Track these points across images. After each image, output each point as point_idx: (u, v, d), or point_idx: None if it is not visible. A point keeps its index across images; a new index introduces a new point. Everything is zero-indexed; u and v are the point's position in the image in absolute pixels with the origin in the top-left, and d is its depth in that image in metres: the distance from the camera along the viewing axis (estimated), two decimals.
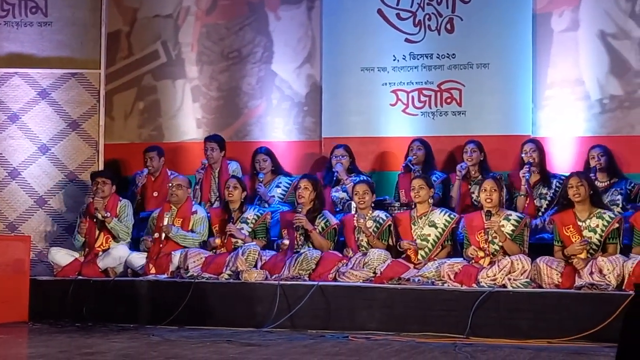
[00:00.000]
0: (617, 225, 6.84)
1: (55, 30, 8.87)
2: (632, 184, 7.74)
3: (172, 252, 7.64)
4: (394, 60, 8.73)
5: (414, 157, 8.16)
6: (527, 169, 7.70)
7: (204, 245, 7.79)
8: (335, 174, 8.27)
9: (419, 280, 6.94)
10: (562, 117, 8.31)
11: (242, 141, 9.04)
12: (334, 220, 7.63)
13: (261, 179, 8.42)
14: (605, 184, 7.68)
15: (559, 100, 8.33)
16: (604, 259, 6.61)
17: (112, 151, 9.13)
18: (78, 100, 8.81)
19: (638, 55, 8.18)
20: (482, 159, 8.06)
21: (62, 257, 7.94)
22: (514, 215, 7.17)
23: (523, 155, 7.87)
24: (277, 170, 8.58)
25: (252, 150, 8.74)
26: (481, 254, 7.01)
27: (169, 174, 8.60)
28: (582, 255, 6.75)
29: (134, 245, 8.04)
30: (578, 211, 6.93)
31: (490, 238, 7.03)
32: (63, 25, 8.87)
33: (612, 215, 6.89)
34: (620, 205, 7.53)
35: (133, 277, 7.65)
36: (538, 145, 7.91)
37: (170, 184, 8.02)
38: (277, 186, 8.52)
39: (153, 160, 8.68)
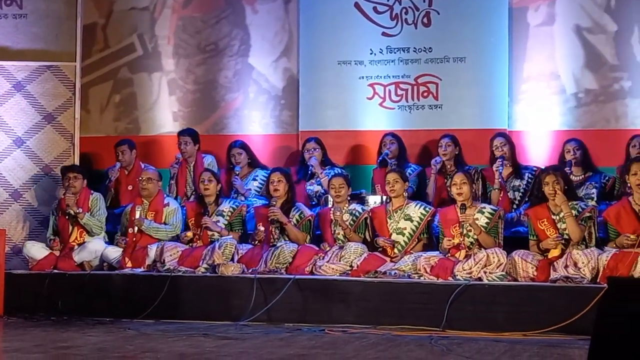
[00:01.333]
0: (588, 214, 6.88)
1: (30, 22, 8.80)
2: (607, 178, 7.80)
3: (149, 246, 7.62)
4: (371, 53, 8.74)
5: (390, 151, 8.17)
6: (500, 163, 7.74)
7: (177, 237, 7.77)
8: (310, 167, 8.27)
9: (395, 273, 6.96)
10: (538, 111, 8.35)
11: (219, 134, 9.02)
12: (308, 212, 7.64)
13: (237, 172, 8.41)
14: (580, 177, 7.73)
15: (535, 94, 8.38)
16: (579, 252, 6.66)
17: (88, 144, 9.08)
18: (53, 93, 8.75)
19: (613, 49, 8.24)
20: (457, 153, 8.09)
21: (37, 250, 7.89)
22: (487, 208, 7.20)
23: (494, 149, 7.90)
24: (253, 163, 8.57)
25: (228, 143, 8.73)
26: (456, 240, 7.03)
27: (143, 167, 8.57)
28: (557, 252, 6.78)
29: (109, 239, 8.01)
30: (552, 205, 6.97)
31: (465, 231, 7.06)
32: (38, 18, 8.80)
33: (584, 206, 6.93)
34: (595, 199, 7.58)
35: (109, 271, 7.62)
36: (508, 139, 7.96)
37: (140, 178, 7.99)
38: (254, 179, 8.51)
39: (124, 154, 8.64)
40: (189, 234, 7.71)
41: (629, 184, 6.84)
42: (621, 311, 2.25)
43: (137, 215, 7.75)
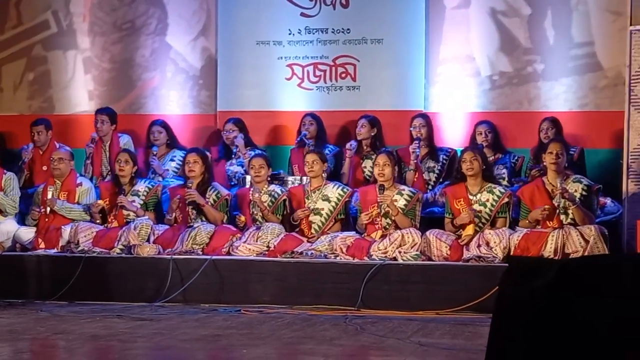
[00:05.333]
0: (507, 199, 7.03)
1: None
2: (516, 158, 7.99)
3: (62, 227, 7.51)
4: (290, 34, 8.73)
5: (307, 132, 8.19)
6: (417, 145, 7.83)
7: (89, 209, 7.66)
8: (235, 148, 8.25)
9: (312, 253, 7.00)
10: (453, 93, 8.46)
11: (135, 114, 8.92)
12: (225, 191, 7.62)
13: (155, 152, 8.34)
14: (491, 159, 7.86)
15: (451, 76, 8.48)
16: (490, 232, 6.80)
17: (1, 123, 8.90)
18: None
19: (527, 32, 8.37)
20: (373, 133, 8.14)
21: None
22: (407, 190, 7.28)
23: (412, 129, 7.99)
24: (172, 143, 8.50)
25: (146, 123, 8.65)
26: (374, 213, 7.08)
27: (58, 147, 8.42)
28: (471, 231, 6.91)
29: (21, 220, 7.87)
30: (470, 185, 7.09)
31: (383, 212, 7.13)
32: None
33: (502, 190, 7.07)
34: (506, 179, 7.73)
35: (22, 252, 7.49)
36: (427, 120, 8.05)
37: (52, 158, 7.86)
38: (172, 160, 8.44)
39: (40, 135, 8.48)
40: (100, 201, 7.62)
41: (544, 163, 7.00)
42: (519, 289, 2.30)
43: (49, 196, 7.63)
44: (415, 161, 7.81)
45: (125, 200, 7.59)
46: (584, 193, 6.92)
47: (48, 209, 7.60)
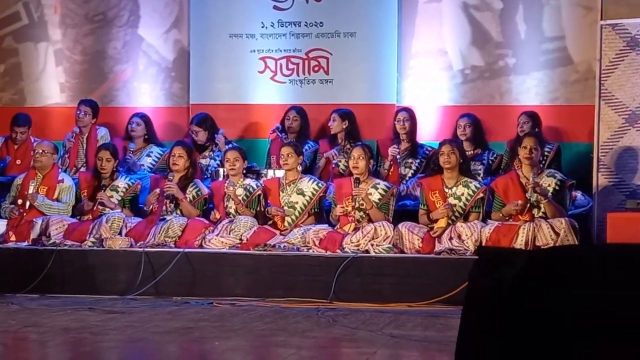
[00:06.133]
0: (482, 195, 7.07)
1: None
2: (495, 155, 8.00)
3: (34, 220, 7.46)
4: (263, 27, 8.72)
5: (289, 127, 8.16)
6: (397, 149, 7.87)
7: (72, 212, 7.63)
8: (215, 146, 8.22)
9: (284, 246, 7.01)
10: (426, 87, 8.48)
11: (107, 106, 8.85)
12: (205, 190, 7.60)
13: (132, 149, 8.28)
14: (469, 153, 7.89)
15: (423, 70, 8.49)
16: (462, 225, 6.84)
17: None
18: None
19: (499, 27, 8.41)
20: (345, 126, 8.15)
21: None
22: (382, 184, 7.30)
23: (396, 123, 8.02)
24: (150, 138, 8.45)
25: (118, 116, 8.64)
26: (348, 208, 7.11)
27: (33, 141, 8.37)
28: (443, 224, 6.94)
29: None
30: (446, 178, 7.12)
31: (357, 205, 7.14)
32: None
33: (478, 186, 7.11)
34: (481, 176, 7.75)
35: None
36: (411, 114, 8.07)
37: (34, 150, 7.81)
38: (148, 155, 8.40)
39: (24, 135, 8.43)
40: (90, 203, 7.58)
41: (519, 157, 7.03)
42: (489, 279, 2.32)
43: (31, 190, 7.57)
44: (390, 162, 7.85)
45: (105, 197, 7.54)
46: (556, 188, 6.97)
47: (28, 203, 7.54)
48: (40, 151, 7.74)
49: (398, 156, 7.92)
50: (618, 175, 7.08)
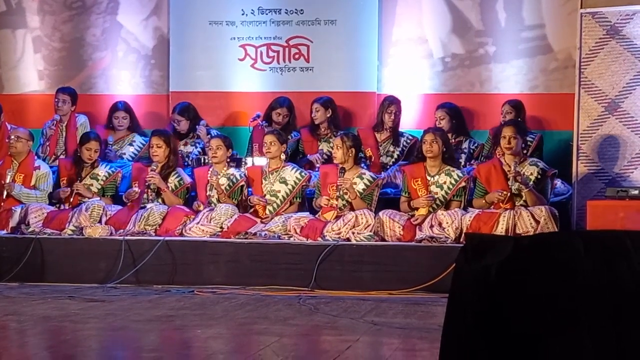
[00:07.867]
0: (464, 184, 7.08)
1: None
2: (476, 144, 8.00)
3: (13, 208, 7.41)
4: (243, 14, 8.68)
5: (278, 122, 8.09)
6: (379, 130, 7.87)
7: (50, 199, 7.58)
8: (198, 138, 8.19)
9: (265, 234, 7.00)
10: (406, 75, 8.47)
11: (86, 94, 8.78)
12: (187, 180, 7.57)
13: (111, 142, 8.21)
14: (451, 142, 7.88)
15: (403, 58, 8.48)
16: (443, 213, 6.86)
17: None
18: None
19: (479, 15, 8.41)
20: (329, 115, 8.13)
21: None
22: (367, 175, 7.29)
23: (386, 114, 7.99)
24: (132, 127, 8.39)
25: (97, 104, 8.59)
26: (333, 202, 7.11)
27: (9, 128, 8.30)
28: (424, 211, 6.95)
29: None
30: (429, 166, 7.13)
31: (340, 194, 7.13)
32: None
33: (460, 174, 7.12)
34: (463, 164, 7.76)
35: None
36: (399, 107, 8.05)
37: (9, 137, 7.75)
38: (130, 144, 8.35)
39: None
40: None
41: (500, 145, 7.04)
42: (475, 265, 2.32)
43: (8, 180, 7.51)
44: (372, 155, 7.85)
45: (82, 188, 7.48)
46: (538, 177, 7.00)
47: (5, 192, 7.48)
48: (15, 137, 7.68)
49: (377, 148, 7.90)
50: (597, 163, 7.11)
